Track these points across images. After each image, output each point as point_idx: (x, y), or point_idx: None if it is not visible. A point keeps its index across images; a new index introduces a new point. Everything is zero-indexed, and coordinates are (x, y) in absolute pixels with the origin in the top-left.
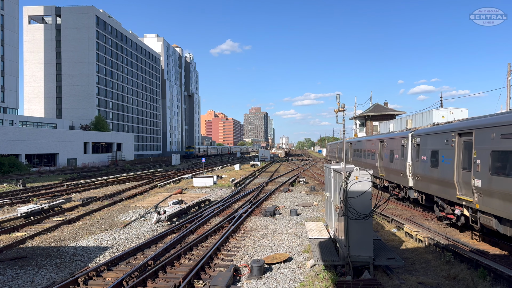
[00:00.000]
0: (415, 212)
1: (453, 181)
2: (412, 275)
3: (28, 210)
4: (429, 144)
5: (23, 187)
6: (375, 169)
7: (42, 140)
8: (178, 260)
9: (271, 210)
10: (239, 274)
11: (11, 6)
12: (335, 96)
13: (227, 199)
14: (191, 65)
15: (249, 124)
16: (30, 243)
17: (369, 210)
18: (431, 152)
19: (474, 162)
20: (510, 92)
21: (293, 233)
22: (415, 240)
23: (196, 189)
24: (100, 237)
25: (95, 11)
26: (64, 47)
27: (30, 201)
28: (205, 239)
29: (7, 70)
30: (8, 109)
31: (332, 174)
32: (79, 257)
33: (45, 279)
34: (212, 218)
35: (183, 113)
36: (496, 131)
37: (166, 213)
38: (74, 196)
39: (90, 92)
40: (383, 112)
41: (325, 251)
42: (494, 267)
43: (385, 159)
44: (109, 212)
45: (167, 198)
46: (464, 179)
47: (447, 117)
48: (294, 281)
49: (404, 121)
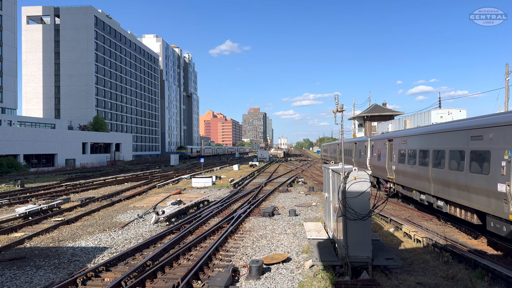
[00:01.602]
0: (414, 212)
1: (385, 168)
2: (410, 275)
3: (26, 210)
4: (376, 145)
5: (21, 188)
6: (352, 163)
7: (40, 140)
8: (176, 260)
9: (270, 211)
10: (237, 275)
11: (9, 6)
12: (334, 96)
13: (226, 200)
14: (190, 66)
15: (248, 125)
16: (29, 243)
17: (368, 211)
18: (377, 151)
19: (393, 156)
20: (508, 92)
21: (292, 233)
22: (413, 240)
23: (195, 189)
24: (99, 238)
25: (94, 11)
26: (63, 47)
27: (28, 202)
28: (203, 240)
29: (6, 70)
30: (7, 109)
31: (331, 174)
32: (77, 258)
33: (44, 280)
34: (211, 218)
35: (182, 114)
36: (399, 139)
37: (164, 213)
38: (73, 196)
39: (89, 93)
40: (382, 112)
41: (324, 251)
42: (492, 267)
43: (357, 155)
44: (108, 213)
45: (166, 198)
46: (389, 166)
47: (446, 118)
48: (293, 282)
49: (402, 122)
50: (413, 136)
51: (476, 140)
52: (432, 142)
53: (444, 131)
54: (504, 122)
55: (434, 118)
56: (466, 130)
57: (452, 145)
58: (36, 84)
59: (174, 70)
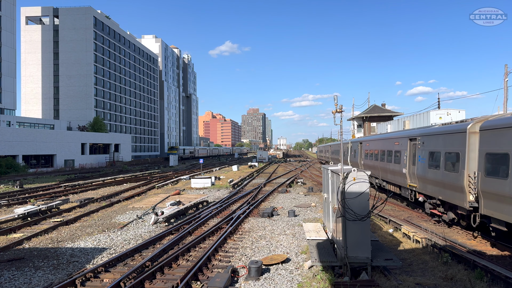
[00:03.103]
0: (413, 213)
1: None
2: (409, 275)
3: (25, 211)
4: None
5: (20, 188)
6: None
7: (39, 141)
8: (176, 261)
9: (269, 211)
10: (237, 275)
11: (8, 6)
12: (333, 97)
13: (225, 200)
14: (189, 66)
15: (247, 125)
16: (28, 244)
17: (367, 211)
18: (354, 151)
19: (362, 154)
20: (507, 93)
21: (291, 234)
22: (412, 241)
23: (194, 190)
24: (98, 238)
25: (93, 12)
26: (62, 48)
27: (27, 202)
28: (203, 240)
29: (5, 71)
30: (6, 110)
31: (330, 175)
32: (76, 258)
33: (43, 281)
34: (210, 219)
35: (181, 114)
36: (365, 143)
37: (164, 214)
38: (72, 197)
39: (88, 93)
40: (381, 113)
41: (323, 252)
42: (491, 268)
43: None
44: (107, 213)
45: (165, 199)
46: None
47: (445, 118)
48: (292, 282)
49: (401, 122)
50: (371, 141)
51: (395, 144)
52: (378, 145)
53: (383, 138)
54: (404, 136)
55: (433, 119)
56: (392, 139)
57: (387, 147)
58: (35, 84)
59: (173, 71)
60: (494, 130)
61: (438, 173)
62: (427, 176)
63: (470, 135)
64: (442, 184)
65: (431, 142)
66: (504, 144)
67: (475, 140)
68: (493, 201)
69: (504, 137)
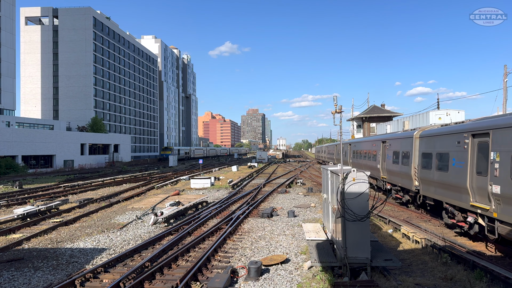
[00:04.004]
0: (412, 213)
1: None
2: (409, 276)
3: (24, 211)
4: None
5: (19, 189)
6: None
7: (39, 141)
8: (175, 261)
9: (269, 212)
10: (236, 276)
11: (8, 7)
12: (333, 97)
13: (224, 201)
14: (189, 67)
15: (246, 126)
16: (27, 244)
17: (366, 212)
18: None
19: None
20: (506, 93)
21: (291, 234)
22: (412, 242)
23: (194, 190)
24: (97, 239)
25: (92, 13)
26: (61, 49)
27: (26, 203)
28: (202, 241)
29: (4, 71)
30: (5, 110)
31: (330, 175)
32: (76, 259)
33: (42, 281)
34: (209, 219)
35: (181, 115)
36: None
37: (163, 214)
38: (71, 197)
39: (87, 94)
40: (380, 113)
41: (322, 252)
42: (490, 268)
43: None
44: (106, 214)
45: (165, 199)
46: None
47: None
48: (292, 283)
49: (401, 123)
50: (357, 143)
51: (373, 146)
52: (362, 146)
53: (365, 141)
54: (379, 139)
55: (433, 119)
56: (371, 141)
57: (368, 148)
58: (34, 85)
59: (172, 71)
60: (426, 137)
61: (398, 167)
62: (392, 170)
63: (415, 140)
64: (400, 175)
65: (394, 144)
66: (431, 146)
67: (417, 143)
68: (426, 185)
69: (431, 142)
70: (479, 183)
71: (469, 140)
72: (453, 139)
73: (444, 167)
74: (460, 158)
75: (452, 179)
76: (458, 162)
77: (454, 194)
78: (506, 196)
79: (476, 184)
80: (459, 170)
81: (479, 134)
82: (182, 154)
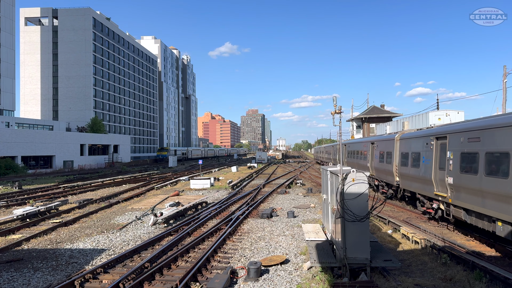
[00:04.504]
0: (412, 214)
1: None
2: (408, 276)
3: (24, 212)
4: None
5: (19, 189)
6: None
7: (38, 142)
8: (175, 262)
9: (268, 212)
10: (236, 276)
11: (7, 7)
12: (332, 98)
13: (224, 201)
14: (188, 67)
15: (246, 126)
16: (26, 245)
17: (366, 212)
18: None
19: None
20: (506, 94)
21: (290, 235)
22: (411, 242)
23: (193, 191)
24: (97, 240)
25: (92, 13)
26: (61, 49)
27: (26, 203)
28: (202, 241)
29: (4, 72)
30: (4, 111)
31: (329, 176)
32: (75, 260)
33: (41, 282)
34: (209, 220)
35: (180, 115)
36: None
37: (163, 215)
38: (71, 198)
39: (87, 94)
40: (380, 114)
41: (322, 253)
42: (490, 269)
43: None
44: (106, 214)
45: (164, 200)
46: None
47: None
48: (291, 283)
49: (400, 123)
50: (351, 144)
51: (364, 146)
52: (354, 147)
53: (357, 142)
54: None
55: (432, 120)
56: (362, 142)
57: (359, 148)
58: (34, 85)
59: (172, 72)
60: (404, 139)
61: (383, 165)
62: (378, 168)
63: (396, 141)
64: (385, 172)
65: (380, 145)
66: (408, 147)
67: (397, 145)
68: (404, 180)
69: (408, 144)
70: (440, 176)
71: (434, 142)
72: (423, 141)
73: (417, 164)
74: (428, 156)
75: (422, 174)
76: (427, 160)
77: (424, 186)
78: (456, 186)
79: (438, 177)
80: (427, 166)
81: (440, 137)
82: (179, 155)
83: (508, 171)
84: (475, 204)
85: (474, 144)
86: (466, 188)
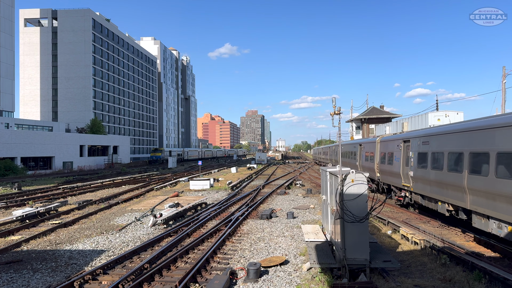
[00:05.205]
0: (411, 214)
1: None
2: (408, 277)
3: (23, 213)
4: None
5: (18, 190)
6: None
7: (38, 143)
8: (174, 263)
9: (268, 213)
10: (235, 277)
11: (7, 8)
12: (332, 99)
13: (223, 202)
14: (188, 68)
15: (245, 127)
16: (26, 246)
17: (365, 213)
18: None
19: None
20: (505, 95)
21: (290, 236)
22: (411, 243)
23: (193, 192)
24: (96, 241)
25: (92, 14)
26: (60, 50)
27: (25, 205)
28: (201, 242)
29: (3, 73)
30: (4, 112)
31: (329, 177)
32: (75, 261)
33: (41, 283)
34: (208, 221)
35: (180, 116)
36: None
37: (162, 216)
38: (70, 199)
39: (86, 95)
40: (379, 115)
41: (322, 254)
42: (489, 269)
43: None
44: (105, 215)
45: (164, 201)
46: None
47: (443, 120)
48: (291, 284)
49: (400, 124)
50: (344, 145)
51: (353, 148)
52: (347, 148)
53: (349, 143)
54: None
55: (432, 121)
56: (353, 144)
57: (351, 149)
58: (33, 86)
59: (172, 73)
60: (383, 142)
61: (368, 164)
62: (365, 166)
63: (377, 143)
64: (369, 169)
65: (366, 147)
66: (385, 148)
67: (378, 146)
68: (383, 175)
69: (385, 145)
70: (406, 170)
71: (402, 144)
72: (395, 143)
73: (391, 161)
74: (398, 155)
75: (394, 169)
76: (397, 158)
77: (395, 179)
78: (415, 177)
79: (405, 172)
80: (397, 163)
81: (406, 141)
82: (174, 156)
83: (443, 165)
84: (426, 191)
85: (425, 146)
86: (421, 179)
